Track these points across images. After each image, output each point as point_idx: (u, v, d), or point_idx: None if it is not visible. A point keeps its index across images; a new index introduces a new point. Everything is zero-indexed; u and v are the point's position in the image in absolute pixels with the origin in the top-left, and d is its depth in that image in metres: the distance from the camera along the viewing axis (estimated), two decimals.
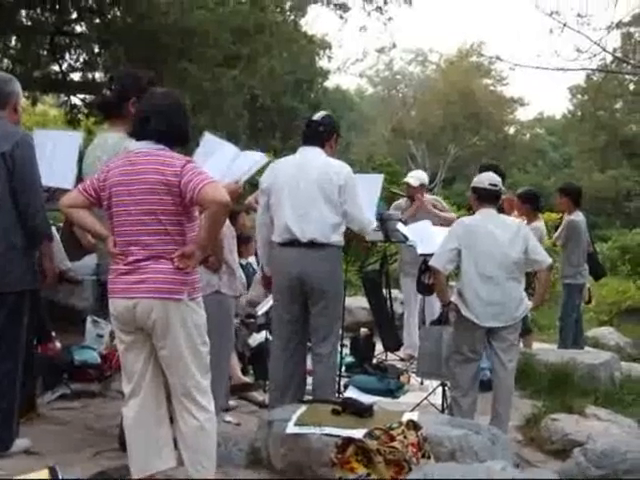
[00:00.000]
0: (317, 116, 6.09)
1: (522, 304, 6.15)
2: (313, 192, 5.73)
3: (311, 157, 5.89)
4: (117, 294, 4.20)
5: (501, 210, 7.08)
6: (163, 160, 4.15)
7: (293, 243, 5.78)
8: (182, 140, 4.40)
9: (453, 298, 6.24)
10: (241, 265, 8.00)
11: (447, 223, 8.16)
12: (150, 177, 4.11)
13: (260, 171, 6.48)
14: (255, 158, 5.55)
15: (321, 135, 5.97)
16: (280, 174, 5.92)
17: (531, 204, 9.22)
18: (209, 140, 5.50)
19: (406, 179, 9.41)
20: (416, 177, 9.34)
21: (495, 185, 6.30)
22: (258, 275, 8.21)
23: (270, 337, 7.49)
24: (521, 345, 9.13)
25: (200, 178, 4.06)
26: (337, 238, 5.83)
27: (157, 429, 4.32)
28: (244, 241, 8.13)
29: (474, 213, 6.53)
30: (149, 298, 4.10)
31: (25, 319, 5.17)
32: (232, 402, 6.69)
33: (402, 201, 9.32)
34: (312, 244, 5.74)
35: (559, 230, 9.49)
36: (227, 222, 5.65)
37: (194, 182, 4.03)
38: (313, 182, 5.75)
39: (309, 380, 6.14)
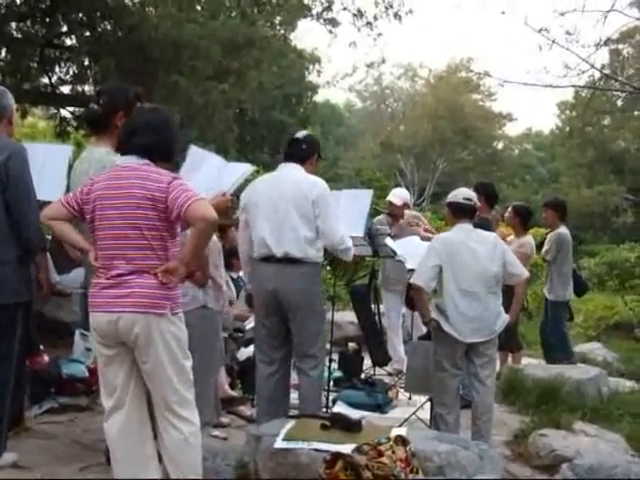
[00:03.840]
0: (300, 134, 6.15)
1: (500, 318, 6.16)
2: (287, 207, 5.74)
3: (288, 173, 5.92)
4: (99, 308, 4.19)
5: (486, 227, 7.09)
6: (149, 175, 4.15)
7: (269, 259, 5.79)
8: (166, 156, 4.40)
9: (433, 314, 6.25)
10: (232, 279, 8.02)
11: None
12: (135, 192, 4.11)
13: (248, 185, 6.50)
14: (242, 169, 5.56)
15: (303, 153, 6.00)
16: (257, 190, 5.95)
17: (525, 219, 9.29)
18: (195, 153, 5.50)
19: (389, 197, 9.41)
20: (399, 196, 9.36)
21: (469, 200, 6.34)
22: (244, 290, 8.23)
23: None
24: (510, 361, 9.18)
25: (187, 195, 4.06)
26: (314, 253, 5.82)
27: (142, 443, 4.31)
28: (236, 255, 8.14)
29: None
30: (132, 312, 4.09)
31: (18, 331, 5.16)
32: (224, 419, 6.68)
33: (382, 217, 9.31)
34: (288, 260, 5.74)
35: (546, 245, 9.49)
36: (213, 237, 5.67)
37: (182, 199, 4.04)
38: (287, 197, 5.76)
39: (295, 395, 6.15)
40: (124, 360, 4.24)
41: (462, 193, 6.42)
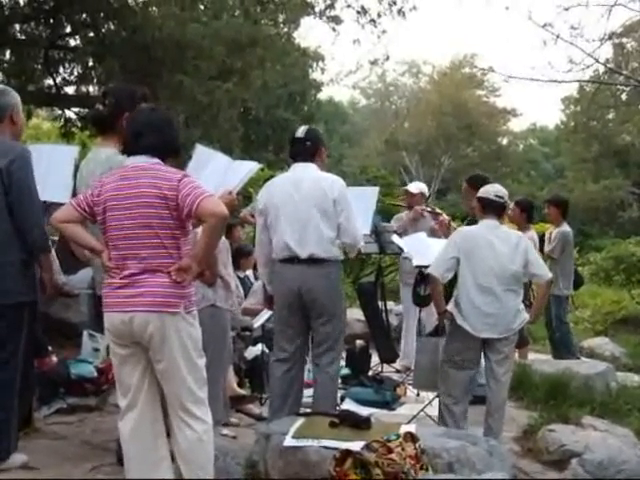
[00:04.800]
0: (300, 132, 6.03)
1: (519, 316, 6.13)
2: (309, 208, 5.72)
3: (304, 173, 5.88)
4: (112, 308, 4.19)
5: None
6: (159, 174, 4.16)
7: (293, 260, 5.77)
8: (174, 153, 4.43)
9: (450, 307, 6.23)
10: (239, 278, 8.04)
11: (449, 226, 8.23)
12: (147, 191, 4.12)
13: (252, 183, 6.50)
14: (248, 167, 5.56)
15: (309, 150, 5.95)
16: (275, 193, 5.92)
17: (530, 214, 9.30)
18: (201, 152, 5.50)
19: (407, 187, 9.48)
20: (416, 186, 9.44)
21: (501, 197, 6.26)
22: (255, 286, 8.24)
23: (266, 350, 7.51)
24: (517, 356, 9.17)
25: (198, 192, 4.07)
26: (336, 252, 5.83)
27: (154, 443, 4.31)
28: (244, 254, 8.16)
29: (470, 223, 6.57)
30: (146, 312, 4.09)
31: (24, 331, 5.16)
32: (234, 419, 6.69)
33: (403, 214, 9.34)
34: (312, 260, 5.73)
35: (553, 242, 9.53)
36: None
37: (192, 196, 4.05)
38: (308, 198, 5.74)
39: (308, 392, 6.15)
40: (139, 360, 4.25)
41: (494, 190, 6.34)
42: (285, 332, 5.99)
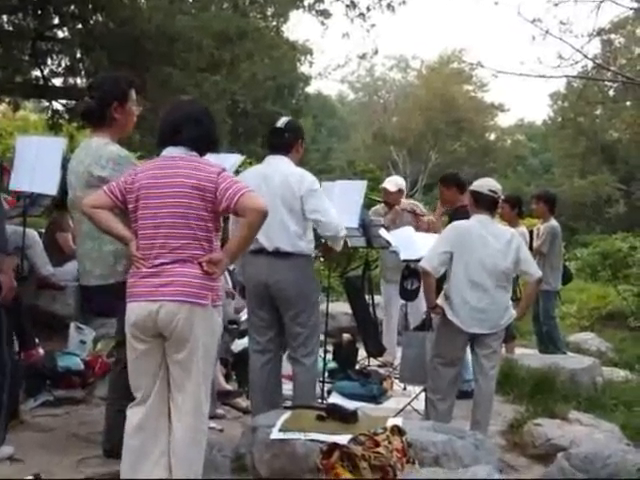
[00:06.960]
0: (281, 123, 6.01)
1: (507, 312, 6.14)
2: (276, 202, 5.67)
3: (276, 167, 5.86)
4: (139, 297, 4.13)
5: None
6: (198, 166, 4.17)
7: (261, 251, 5.78)
8: (213, 146, 4.46)
9: (439, 301, 6.22)
10: (228, 271, 8.02)
11: (428, 227, 8.22)
12: (184, 181, 4.11)
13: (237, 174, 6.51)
14: (232, 160, 5.59)
15: (287, 142, 5.93)
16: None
17: (520, 209, 9.33)
18: None
19: (384, 184, 9.37)
20: (394, 182, 9.29)
21: (494, 192, 6.20)
22: None
23: None
24: (503, 351, 9.19)
25: (238, 186, 4.08)
26: (305, 246, 5.81)
27: (156, 437, 4.24)
28: None
29: (455, 219, 6.58)
30: (175, 301, 4.05)
31: (3, 327, 5.07)
32: (220, 411, 6.69)
33: (379, 207, 9.28)
34: (278, 253, 5.74)
35: (541, 237, 9.55)
36: None
37: (232, 190, 4.05)
38: (276, 192, 5.71)
39: (289, 386, 6.16)
40: (156, 354, 4.20)
41: (488, 184, 6.27)
42: (256, 324, 6.03)
